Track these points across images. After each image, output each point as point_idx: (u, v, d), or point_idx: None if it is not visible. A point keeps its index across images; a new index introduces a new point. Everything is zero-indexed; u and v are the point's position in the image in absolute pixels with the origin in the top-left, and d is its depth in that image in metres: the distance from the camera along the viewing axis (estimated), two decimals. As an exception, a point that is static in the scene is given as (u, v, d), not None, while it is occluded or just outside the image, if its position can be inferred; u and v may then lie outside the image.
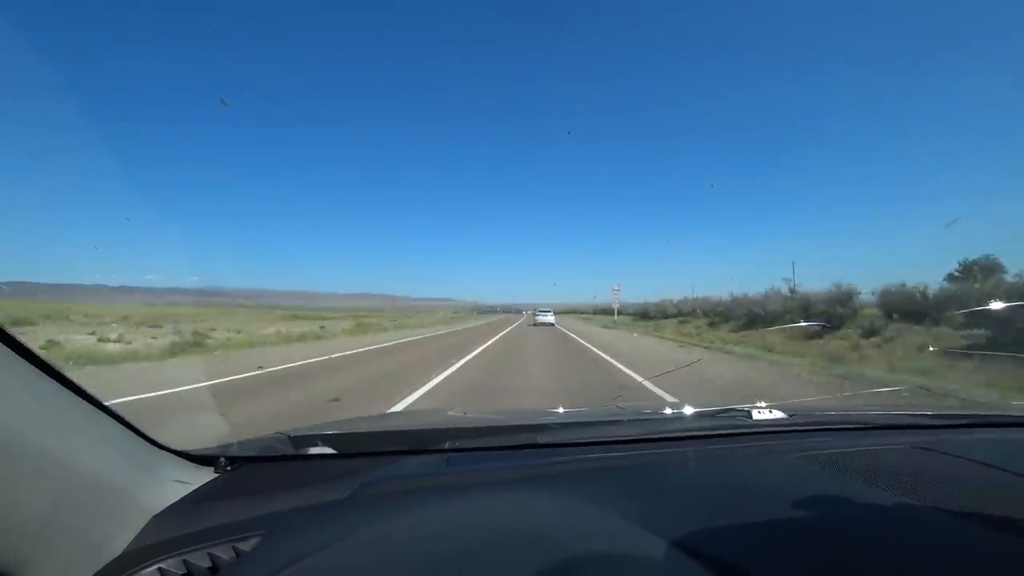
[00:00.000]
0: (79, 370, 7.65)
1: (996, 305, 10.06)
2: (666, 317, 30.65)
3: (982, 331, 11.64)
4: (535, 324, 29.23)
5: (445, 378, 7.56)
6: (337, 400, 5.64)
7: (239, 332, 17.31)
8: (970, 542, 0.69)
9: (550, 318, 30.38)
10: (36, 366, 0.67)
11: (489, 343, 15.12)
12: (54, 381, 0.70)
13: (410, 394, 6.12)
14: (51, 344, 10.55)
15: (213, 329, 17.11)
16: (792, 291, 19.88)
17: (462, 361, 9.92)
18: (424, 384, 6.87)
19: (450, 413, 1.72)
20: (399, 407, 5.43)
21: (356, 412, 4.90)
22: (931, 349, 7.29)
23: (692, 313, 27.87)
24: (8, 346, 0.64)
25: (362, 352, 12.34)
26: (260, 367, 8.49)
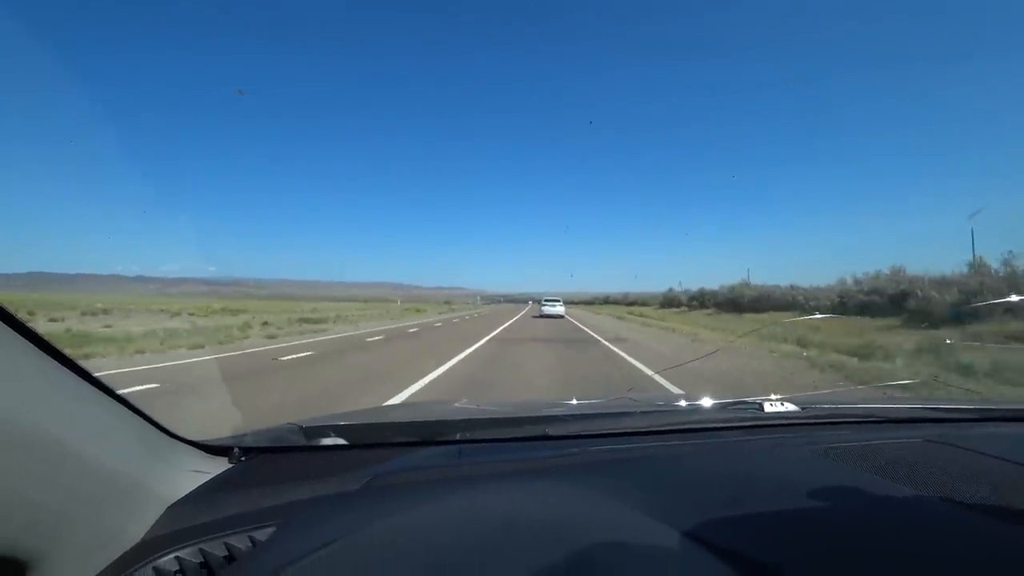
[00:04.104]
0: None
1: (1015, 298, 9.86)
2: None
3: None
4: (540, 316, 27.64)
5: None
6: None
7: None
8: (987, 535, 0.68)
9: (559, 309, 28.55)
10: (52, 356, 0.68)
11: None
12: (71, 372, 0.70)
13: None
14: None
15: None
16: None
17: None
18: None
19: (459, 404, 1.73)
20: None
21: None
22: (948, 342, 7.17)
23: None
24: (25, 337, 0.64)
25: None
26: None
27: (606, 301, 78.40)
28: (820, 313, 20.08)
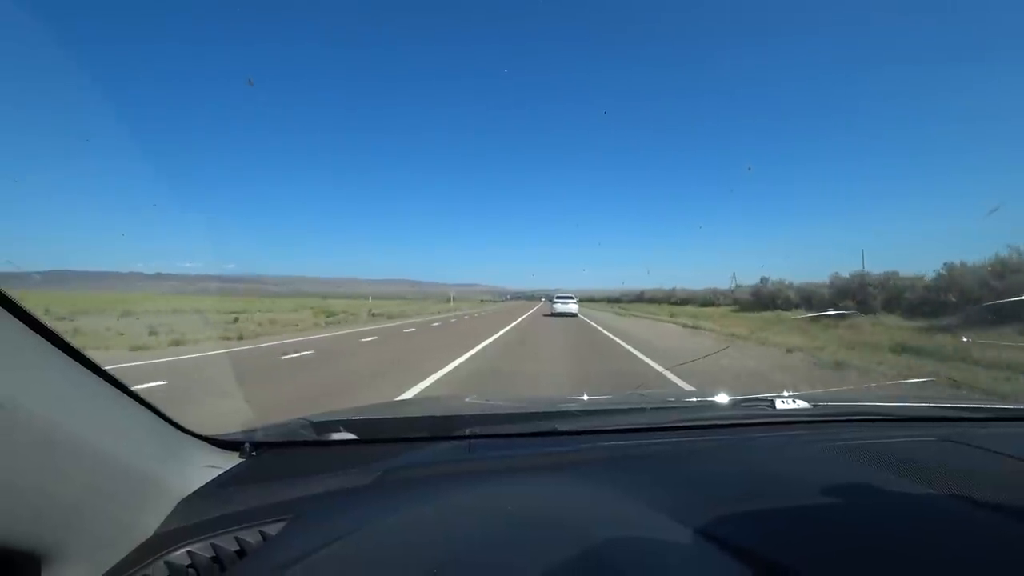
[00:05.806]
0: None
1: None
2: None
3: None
4: (552, 314, 26.49)
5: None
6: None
7: None
8: (1001, 535, 0.67)
9: (572, 307, 27.17)
10: (67, 354, 0.69)
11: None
12: (85, 368, 0.71)
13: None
14: None
15: None
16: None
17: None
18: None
19: (469, 399, 1.73)
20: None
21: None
22: (964, 340, 7.02)
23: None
24: (41, 335, 0.65)
25: None
26: None
27: (639, 299, 55.26)
28: None
